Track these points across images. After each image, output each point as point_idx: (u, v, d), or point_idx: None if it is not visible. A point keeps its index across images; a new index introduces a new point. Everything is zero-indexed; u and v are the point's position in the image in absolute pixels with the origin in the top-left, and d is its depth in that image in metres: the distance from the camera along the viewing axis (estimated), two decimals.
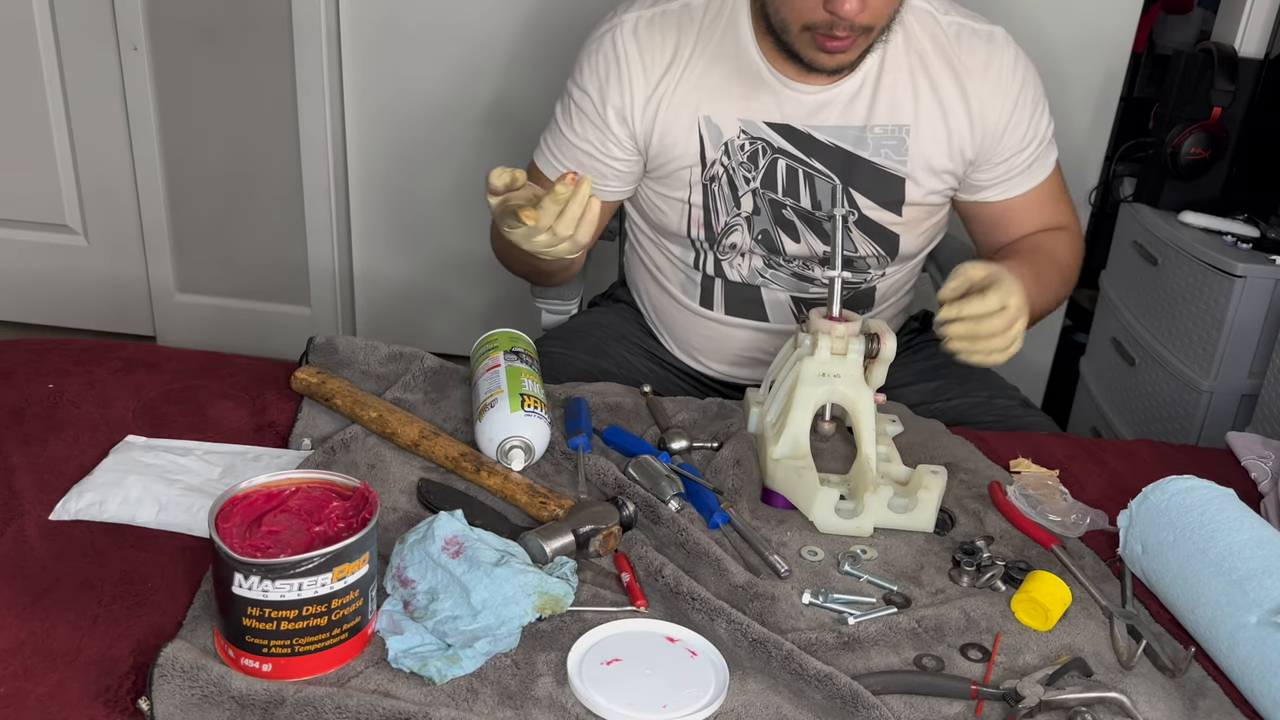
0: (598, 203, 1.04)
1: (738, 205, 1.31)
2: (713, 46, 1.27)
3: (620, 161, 1.33)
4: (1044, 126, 1.32)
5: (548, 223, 1.03)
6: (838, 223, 1.10)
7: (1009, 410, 1.37)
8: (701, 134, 1.28)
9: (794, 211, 1.31)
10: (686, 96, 1.27)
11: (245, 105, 2.42)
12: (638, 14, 1.29)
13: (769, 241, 1.33)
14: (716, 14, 1.27)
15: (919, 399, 1.37)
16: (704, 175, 1.30)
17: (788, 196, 1.30)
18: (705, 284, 1.39)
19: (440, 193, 2.49)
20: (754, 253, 1.34)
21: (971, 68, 1.26)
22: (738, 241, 1.34)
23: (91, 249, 2.64)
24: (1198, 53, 2.00)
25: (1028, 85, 1.29)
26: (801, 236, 1.32)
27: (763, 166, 1.29)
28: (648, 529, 0.99)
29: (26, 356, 1.21)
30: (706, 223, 1.34)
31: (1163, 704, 0.84)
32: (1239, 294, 1.80)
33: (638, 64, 1.27)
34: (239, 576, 0.75)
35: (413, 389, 1.19)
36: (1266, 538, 0.90)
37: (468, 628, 0.82)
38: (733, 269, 1.36)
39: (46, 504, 0.96)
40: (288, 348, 1.88)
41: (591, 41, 1.31)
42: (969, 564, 0.96)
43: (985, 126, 1.28)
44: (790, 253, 1.34)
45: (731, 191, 1.31)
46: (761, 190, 1.30)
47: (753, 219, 1.32)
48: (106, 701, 0.76)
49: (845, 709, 0.79)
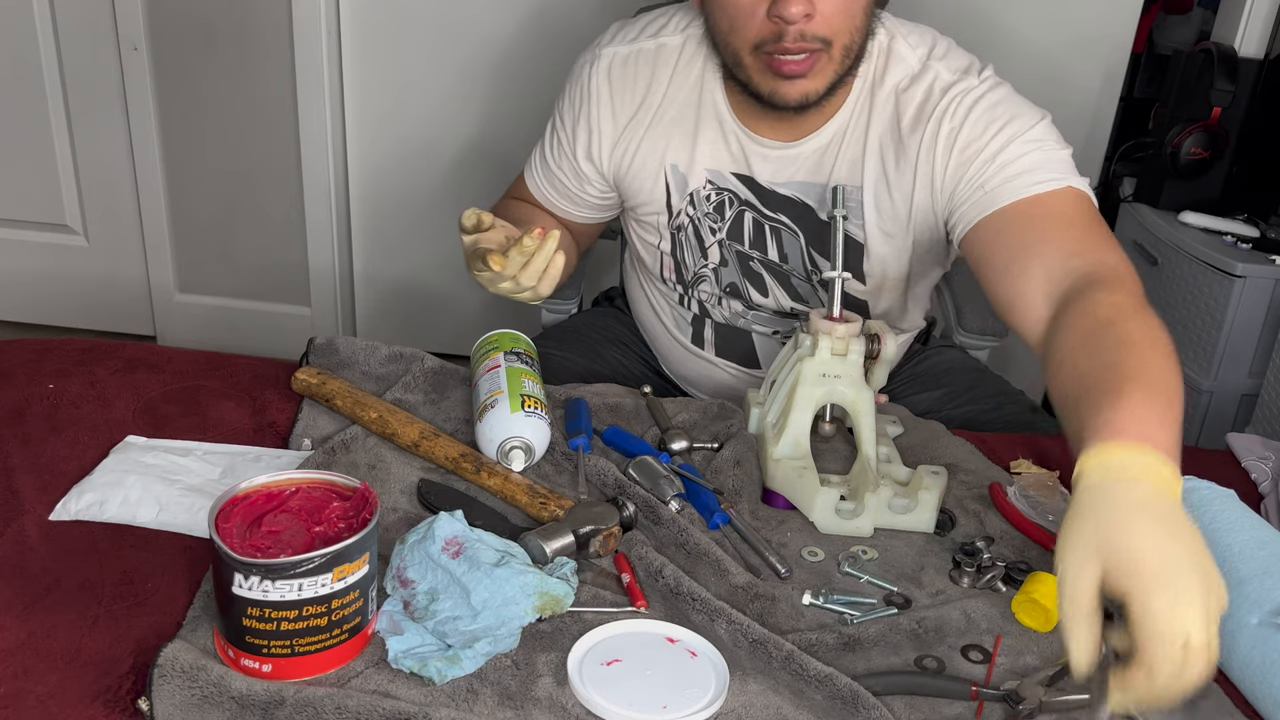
0: (561, 259, 1.05)
1: (704, 256, 1.29)
2: (684, 93, 1.23)
3: (594, 198, 1.32)
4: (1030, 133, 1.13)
5: (512, 272, 1.03)
6: (837, 222, 1.10)
7: (1017, 417, 1.35)
8: (668, 182, 1.26)
9: (762, 264, 1.27)
10: (655, 144, 1.25)
11: (245, 105, 2.42)
12: (614, 50, 1.26)
13: (737, 293, 1.30)
14: (690, 59, 1.23)
15: (926, 407, 1.34)
16: (670, 224, 1.28)
17: (755, 249, 1.26)
18: (695, 323, 1.36)
19: (440, 192, 2.49)
20: (726, 300, 1.32)
21: (938, 127, 1.15)
22: (709, 290, 1.32)
23: (91, 249, 2.64)
24: (1198, 53, 2.00)
25: (994, 123, 1.13)
26: (770, 290, 1.29)
27: (729, 218, 1.25)
28: (648, 529, 0.99)
29: (26, 356, 1.21)
30: (677, 270, 1.32)
31: None
32: (1239, 294, 1.80)
33: (607, 105, 1.25)
34: (239, 577, 0.75)
35: (413, 389, 1.19)
36: (1267, 539, 0.90)
37: (468, 628, 0.82)
38: (714, 312, 1.34)
39: (47, 504, 0.96)
40: (288, 348, 1.88)
41: (575, 68, 1.29)
42: (969, 565, 0.96)
43: (954, 169, 1.14)
44: (758, 304, 1.30)
45: (698, 242, 1.28)
46: (728, 241, 1.27)
47: (720, 270, 1.29)
48: (106, 702, 0.76)
49: (846, 710, 0.79)
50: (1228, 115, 1.96)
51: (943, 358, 1.47)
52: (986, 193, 1.12)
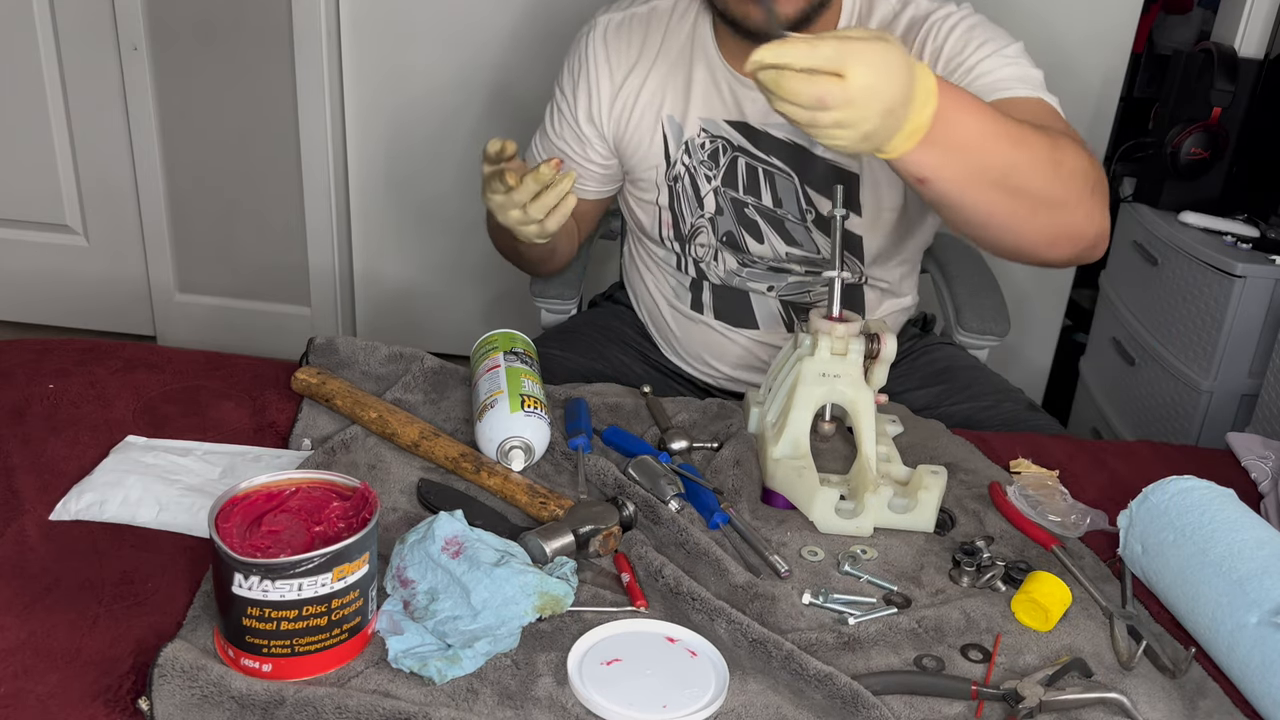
0: (573, 199, 1.11)
1: (701, 206, 1.34)
2: (676, 48, 1.31)
3: (597, 165, 1.38)
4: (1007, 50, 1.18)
5: (523, 199, 1.09)
6: (837, 222, 1.10)
7: (1015, 414, 1.36)
8: (665, 133, 1.32)
9: (756, 210, 1.32)
10: (651, 97, 1.32)
11: (245, 105, 2.42)
12: (609, 17, 1.35)
13: (733, 243, 1.34)
14: (682, 15, 1.31)
15: (924, 404, 1.36)
16: (668, 175, 1.34)
17: (749, 195, 1.31)
18: (694, 288, 1.40)
19: (440, 193, 2.49)
20: (723, 253, 1.35)
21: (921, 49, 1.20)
22: (705, 242, 1.36)
23: (91, 249, 2.64)
24: (1198, 53, 2.00)
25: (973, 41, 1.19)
26: (765, 237, 1.33)
27: (723, 165, 1.31)
28: (648, 529, 0.99)
29: (26, 356, 1.21)
30: (675, 224, 1.36)
31: (1163, 704, 0.84)
32: (1239, 294, 1.80)
33: (604, 66, 1.33)
34: (239, 576, 0.75)
35: (413, 389, 1.19)
36: (1266, 538, 0.90)
37: (468, 628, 0.82)
38: (711, 271, 1.37)
39: (47, 504, 0.96)
40: (288, 348, 1.88)
41: (571, 44, 1.37)
42: (969, 564, 0.96)
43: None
44: (755, 253, 1.34)
45: (694, 191, 1.33)
46: (723, 189, 1.32)
47: (716, 220, 1.34)
48: (107, 701, 0.76)
49: (845, 709, 0.79)
50: (1228, 115, 1.96)
51: (942, 354, 1.48)
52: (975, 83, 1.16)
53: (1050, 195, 1.01)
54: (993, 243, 1.06)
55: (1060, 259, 1.10)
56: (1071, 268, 1.29)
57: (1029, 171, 0.98)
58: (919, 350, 1.49)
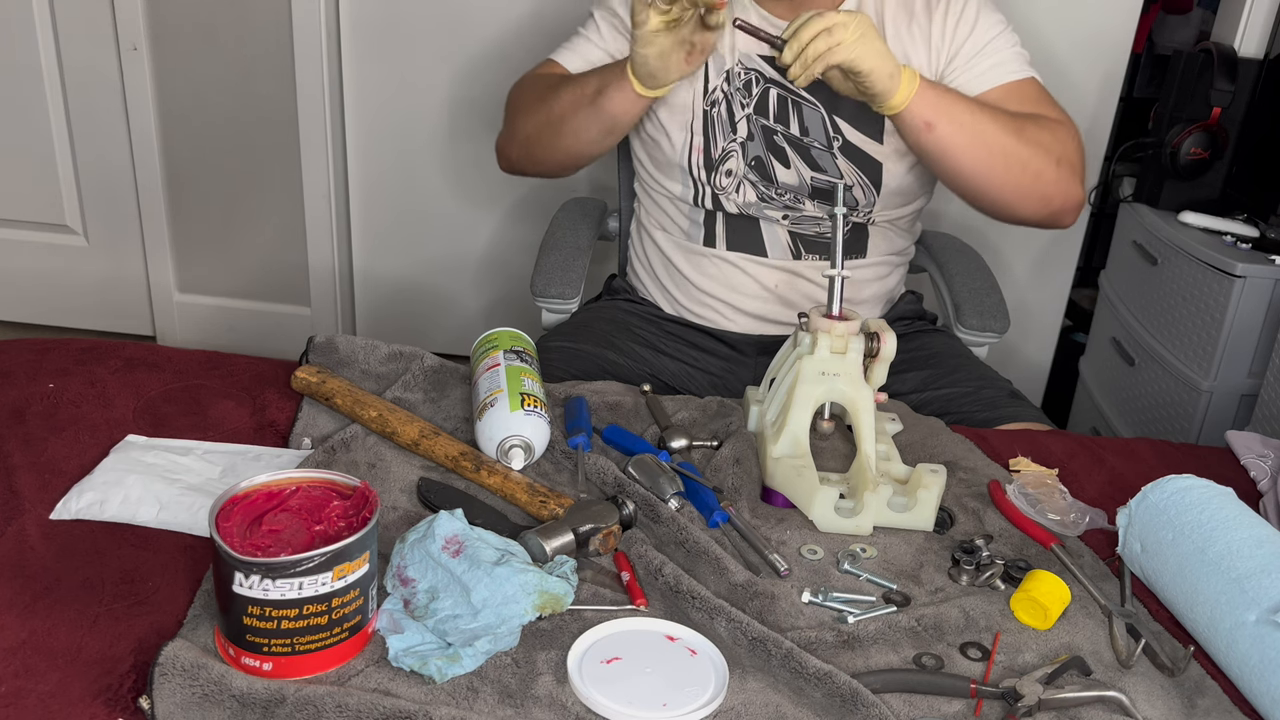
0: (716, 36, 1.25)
1: (734, 131, 1.41)
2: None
3: None
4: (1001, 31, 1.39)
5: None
6: (838, 221, 1.10)
7: (996, 400, 1.38)
8: (707, 61, 1.40)
9: (784, 138, 1.41)
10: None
11: (245, 105, 2.43)
12: None
13: (761, 168, 1.41)
14: None
15: (909, 387, 1.40)
16: (706, 100, 1.41)
17: (779, 123, 1.41)
18: (707, 221, 1.47)
19: (440, 193, 2.50)
20: (748, 180, 1.41)
21: (945, 11, 1.38)
22: (733, 168, 1.41)
23: (91, 249, 2.64)
24: (1197, 53, 2.00)
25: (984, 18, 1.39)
26: (792, 163, 1.41)
27: (756, 94, 1.40)
28: (647, 528, 0.99)
29: (26, 356, 1.21)
30: (705, 149, 1.42)
31: (1161, 702, 0.84)
32: (1239, 294, 1.80)
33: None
34: (239, 575, 0.75)
35: (413, 388, 1.19)
36: (1265, 536, 0.90)
37: (468, 626, 0.82)
38: (729, 200, 1.43)
39: (47, 503, 0.97)
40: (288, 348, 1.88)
41: None
42: (968, 563, 0.96)
43: (948, 44, 1.37)
44: (782, 180, 1.41)
45: (729, 117, 1.41)
46: (755, 116, 1.41)
47: (747, 145, 1.41)
48: (107, 700, 0.76)
49: (845, 707, 0.79)
50: (1227, 115, 1.97)
51: (933, 340, 1.52)
52: (977, 75, 1.38)
53: (1019, 156, 1.29)
54: (976, 193, 1.33)
55: (1030, 215, 1.35)
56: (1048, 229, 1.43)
57: (997, 131, 1.28)
58: (908, 334, 1.52)
